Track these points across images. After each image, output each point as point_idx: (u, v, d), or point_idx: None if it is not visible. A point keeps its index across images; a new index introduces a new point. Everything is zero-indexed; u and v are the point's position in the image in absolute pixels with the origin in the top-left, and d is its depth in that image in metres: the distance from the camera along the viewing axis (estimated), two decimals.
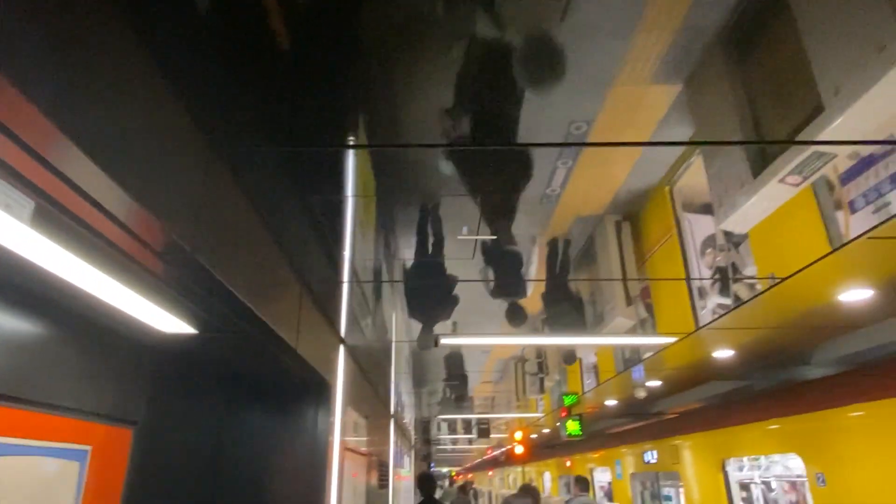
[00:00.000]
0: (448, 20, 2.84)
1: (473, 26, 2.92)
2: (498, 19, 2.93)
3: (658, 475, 7.46)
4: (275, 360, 2.29)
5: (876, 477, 3.39)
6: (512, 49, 3.00)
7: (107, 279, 1.25)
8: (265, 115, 1.82)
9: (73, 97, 0.88)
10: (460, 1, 2.60)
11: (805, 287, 2.49)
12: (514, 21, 2.90)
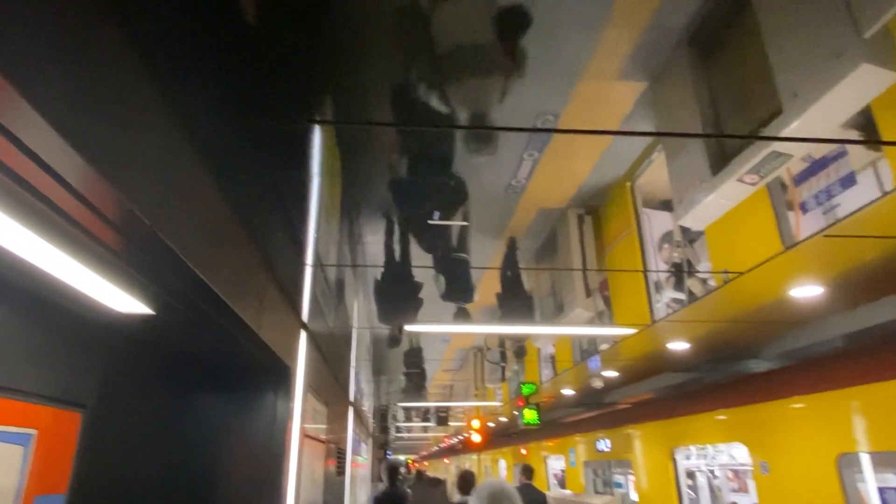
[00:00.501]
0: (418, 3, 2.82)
1: (443, 10, 2.90)
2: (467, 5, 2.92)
3: (610, 463, 7.68)
4: (236, 344, 2.23)
5: (814, 464, 3.59)
6: (482, 36, 2.99)
7: (57, 252, 1.18)
8: (231, 87, 1.75)
9: (26, 50, 0.82)
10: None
11: (757, 283, 2.59)
12: (484, 9, 2.90)
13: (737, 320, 3.22)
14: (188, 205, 1.42)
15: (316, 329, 3.28)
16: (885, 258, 2.22)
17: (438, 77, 3.18)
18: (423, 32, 2.91)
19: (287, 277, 2.51)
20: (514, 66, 3.02)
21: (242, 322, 1.87)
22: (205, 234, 1.53)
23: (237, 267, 1.82)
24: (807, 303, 2.81)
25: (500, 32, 2.88)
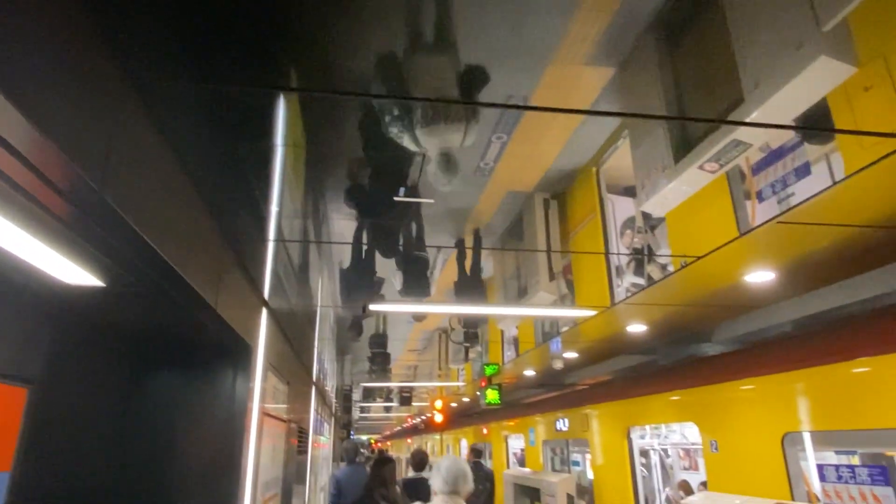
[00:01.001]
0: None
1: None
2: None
3: (568, 442, 7.88)
4: (192, 320, 2.18)
5: (760, 442, 3.76)
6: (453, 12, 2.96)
7: (0, 220, 1.11)
8: (187, 47, 1.67)
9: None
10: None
11: (713, 268, 2.67)
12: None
13: (692, 304, 3.33)
14: (140, 172, 1.36)
15: (278, 307, 3.23)
16: (833, 246, 2.32)
17: (412, 47, 3.14)
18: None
19: (247, 253, 2.45)
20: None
21: (199, 297, 1.83)
22: (158, 204, 1.47)
23: (193, 240, 1.77)
24: (759, 288, 2.91)
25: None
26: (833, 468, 3.59)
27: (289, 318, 3.88)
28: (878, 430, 3.17)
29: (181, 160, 1.59)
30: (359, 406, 19.37)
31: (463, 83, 3.18)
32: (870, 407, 3.03)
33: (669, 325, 4.30)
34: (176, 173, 1.59)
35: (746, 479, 3.88)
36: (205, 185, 1.80)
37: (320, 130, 3.95)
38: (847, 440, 3.78)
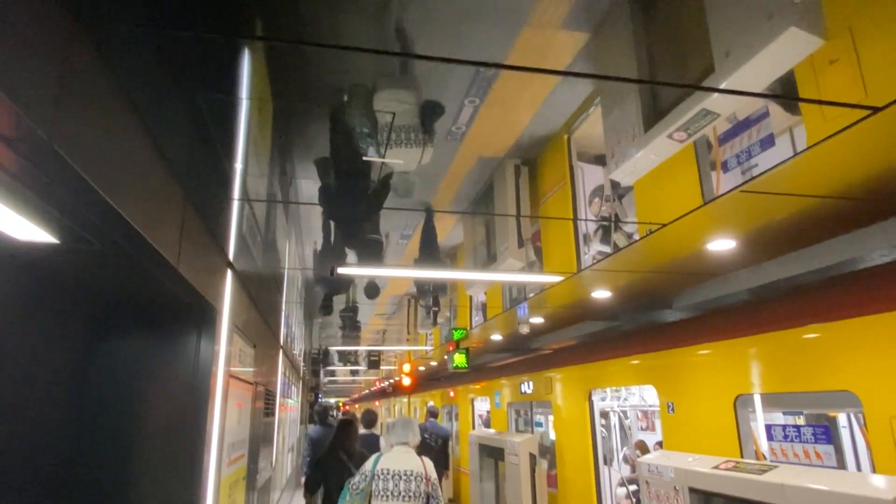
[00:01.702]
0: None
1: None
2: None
3: (532, 404, 8.11)
4: (153, 280, 2.12)
5: (714, 404, 3.94)
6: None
7: None
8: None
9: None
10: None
11: (677, 236, 2.73)
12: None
13: (655, 271, 3.41)
14: (93, 122, 1.29)
15: (243, 269, 3.17)
16: (792, 217, 2.39)
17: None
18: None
19: (210, 212, 2.38)
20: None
21: (159, 256, 1.77)
22: (112, 157, 1.40)
23: (152, 196, 1.70)
24: (719, 256, 3.00)
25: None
26: (780, 428, 3.80)
27: (255, 281, 3.82)
28: (822, 393, 3.35)
29: (137, 111, 1.51)
30: (327, 370, 19.45)
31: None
32: (817, 371, 3.20)
33: (632, 292, 4.41)
34: (132, 125, 1.52)
35: (700, 438, 4.08)
36: (163, 138, 1.73)
37: (288, 85, 3.82)
38: (794, 402, 3.99)
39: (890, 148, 1.76)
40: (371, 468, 3.74)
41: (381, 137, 3.55)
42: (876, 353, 2.84)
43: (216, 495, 2.74)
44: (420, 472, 3.67)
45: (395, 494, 3.56)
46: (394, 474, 3.65)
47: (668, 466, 3.47)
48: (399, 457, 3.74)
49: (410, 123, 3.60)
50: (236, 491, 3.53)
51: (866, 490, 2.38)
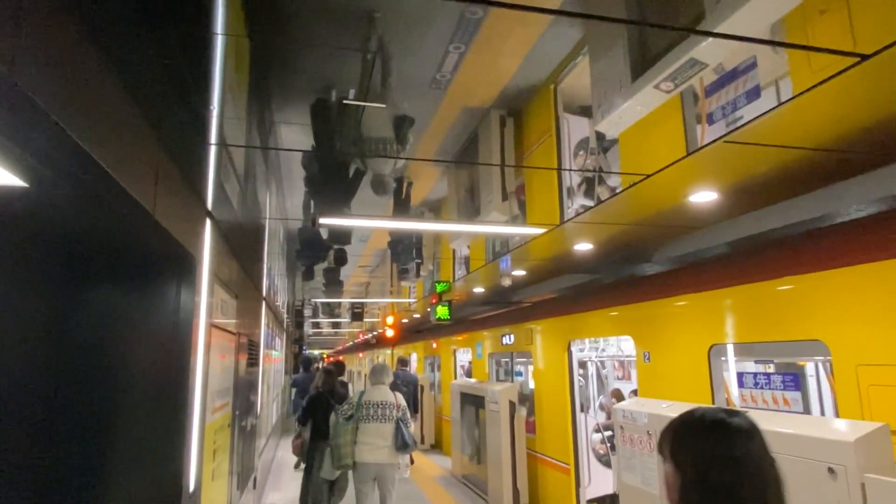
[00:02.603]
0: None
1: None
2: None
3: (513, 355, 8.29)
4: (129, 228, 2.07)
5: (689, 353, 4.06)
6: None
7: None
8: None
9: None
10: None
11: (659, 188, 2.74)
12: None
13: (637, 224, 3.43)
14: (56, 60, 1.22)
15: (223, 218, 3.12)
16: (773, 169, 2.40)
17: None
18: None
19: (186, 157, 2.31)
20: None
21: (136, 202, 1.72)
22: (79, 96, 1.34)
23: (123, 138, 1.64)
24: (701, 209, 3.02)
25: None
26: (751, 375, 3.95)
27: (235, 231, 3.77)
28: (792, 342, 3.47)
29: (103, 48, 1.44)
30: (310, 321, 19.59)
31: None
32: (789, 321, 3.30)
33: (614, 246, 4.45)
34: (99, 63, 1.44)
35: (674, 386, 4.23)
36: (132, 77, 1.65)
37: (265, 21, 3.66)
38: (766, 351, 4.14)
39: (875, 98, 1.76)
40: (357, 400, 5.09)
41: (360, 147, 4.05)
42: (845, 305, 2.93)
43: (201, 440, 2.78)
44: (392, 402, 5.10)
45: (374, 418, 4.97)
46: (373, 404, 5.03)
47: (641, 412, 3.60)
48: (377, 391, 5.14)
49: (386, 136, 4.10)
50: (222, 437, 3.59)
51: (829, 433, 2.50)
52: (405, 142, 4.22)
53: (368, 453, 4.91)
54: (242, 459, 4.78)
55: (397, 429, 4.94)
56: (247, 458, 5.19)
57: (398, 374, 9.81)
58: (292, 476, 8.90)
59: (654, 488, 3.46)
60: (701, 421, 1.20)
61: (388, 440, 4.93)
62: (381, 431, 4.93)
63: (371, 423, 4.94)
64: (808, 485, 2.44)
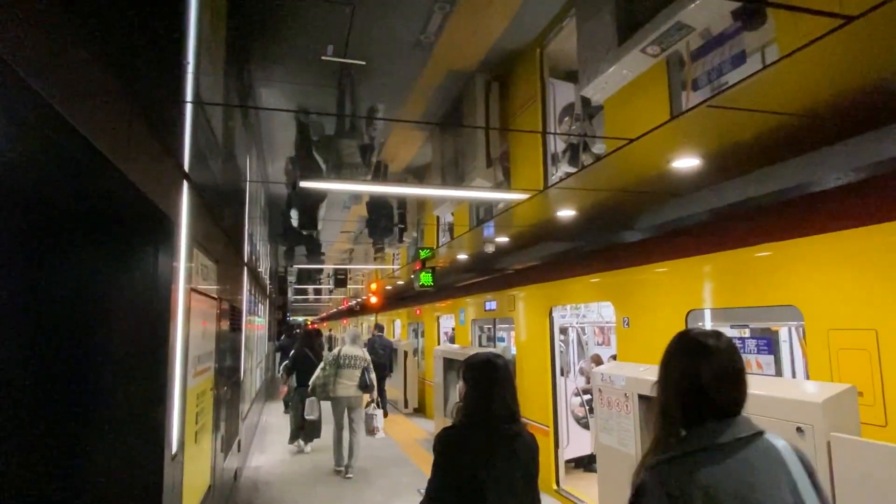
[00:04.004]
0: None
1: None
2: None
3: (495, 321, 8.38)
4: (102, 189, 2.02)
5: (667, 318, 4.14)
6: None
7: None
8: None
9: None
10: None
11: (643, 153, 2.73)
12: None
13: (620, 190, 3.44)
14: (21, 11, 1.16)
15: (201, 180, 3.06)
16: (755, 135, 2.41)
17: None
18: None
19: (160, 115, 2.24)
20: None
21: (109, 163, 1.67)
22: (47, 51, 1.28)
23: (92, 95, 1.58)
24: (684, 175, 3.03)
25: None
26: None
27: (215, 194, 3.70)
28: (767, 308, 3.55)
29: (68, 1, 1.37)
30: (294, 288, 19.54)
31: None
32: (765, 287, 3.37)
33: (597, 213, 4.47)
34: (61, 9, 1.37)
35: (652, 351, 4.32)
36: (99, 29, 1.57)
37: None
38: (742, 316, 4.23)
39: (858, 62, 1.76)
40: (337, 354, 7.12)
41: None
42: (819, 271, 2.99)
43: (183, 404, 2.78)
44: (361, 356, 7.18)
45: (348, 366, 7.01)
46: (347, 356, 7.08)
47: (619, 375, 3.68)
48: (351, 349, 7.18)
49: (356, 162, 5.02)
50: (204, 401, 3.60)
51: (799, 394, 2.58)
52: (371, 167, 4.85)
53: (343, 390, 6.99)
54: (226, 423, 4.82)
55: (362, 374, 7.02)
56: (231, 421, 5.23)
57: (374, 339, 10.75)
58: (277, 440, 9.02)
59: (629, 448, 3.57)
60: (477, 357, 2.26)
61: (356, 381, 7.00)
62: (352, 375, 7.02)
63: (345, 370, 7.00)
64: None
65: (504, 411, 2.12)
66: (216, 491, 4.19)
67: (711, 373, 1.42)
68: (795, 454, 1.38)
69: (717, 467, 1.32)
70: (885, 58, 1.78)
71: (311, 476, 6.92)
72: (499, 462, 2.04)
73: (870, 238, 2.73)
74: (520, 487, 2.08)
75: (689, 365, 1.48)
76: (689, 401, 1.43)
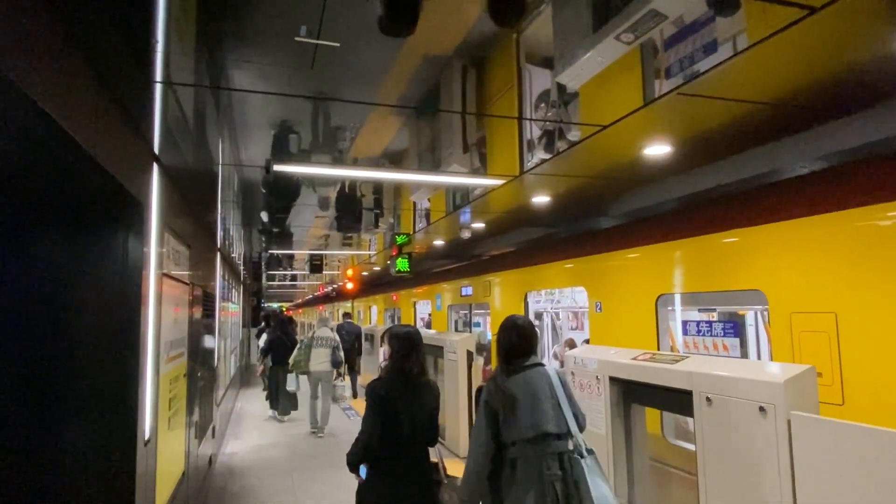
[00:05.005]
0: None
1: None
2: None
3: (471, 306, 8.45)
4: (70, 171, 1.96)
5: (638, 303, 4.23)
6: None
7: None
8: None
9: None
10: None
11: (616, 139, 2.77)
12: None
13: (593, 177, 3.48)
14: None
15: (172, 163, 2.99)
16: (723, 123, 2.46)
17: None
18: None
19: (129, 95, 2.18)
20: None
21: (73, 142, 1.63)
22: (7, 25, 1.24)
23: (55, 71, 1.53)
24: (655, 162, 3.09)
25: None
26: (694, 323, 4.16)
27: (186, 177, 3.63)
28: (734, 292, 3.66)
29: None
30: (268, 274, 19.33)
31: None
32: (732, 272, 3.46)
33: (571, 199, 4.52)
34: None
35: (623, 334, 4.42)
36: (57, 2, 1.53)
37: None
38: (710, 300, 4.35)
39: (822, 52, 1.81)
40: (311, 336, 8.39)
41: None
42: (783, 256, 3.09)
43: (156, 390, 2.76)
44: (331, 337, 8.36)
45: (320, 345, 8.23)
46: (320, 338, 8.30)
47: (592, 358, 3.76)
48: (322, 331, 8.40)
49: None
50: (177, 386, 3.56)
51: (762, 375, 2.68)
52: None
53: (316, 365, 8.27)
54: (200, 409, 4.78)
55: (332, 352, 8.27)
56: (205, 407, 5.19)
57: (343, 325, 11.55)
58: (253, 426, 8.98)
59: (600, 428, 3.66)
60: (399, 329, 3.13)
61: (327, 359, 8.26)
62: (323, 354, 8.27)
63: (318, 349, 8.28)
64: (741, 422, 2.64)
65: (417, 368, 3.00)
66: (190, 477, 4.17)
67: (518, 337, 2.81)
68: (556, 375, 2.77)
69: (517, 377, 2.72)
70: (847, 48, 1.84)
71: (287, 462, 6.93)
72: (411, 402, 2.91)
73: (831, 225, 2.83)
74: (426, 420, 2.96)
75: (510, 333, 2.83)
76: (509, 350, 2.81)
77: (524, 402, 2.63)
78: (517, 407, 2.63)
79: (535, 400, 2.64)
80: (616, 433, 3.63)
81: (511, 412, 2.62)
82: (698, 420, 2.87)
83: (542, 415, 2.62)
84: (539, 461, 2.58)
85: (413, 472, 2.90)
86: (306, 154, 5.55)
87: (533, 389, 2.66)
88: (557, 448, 2.62)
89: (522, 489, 2.57)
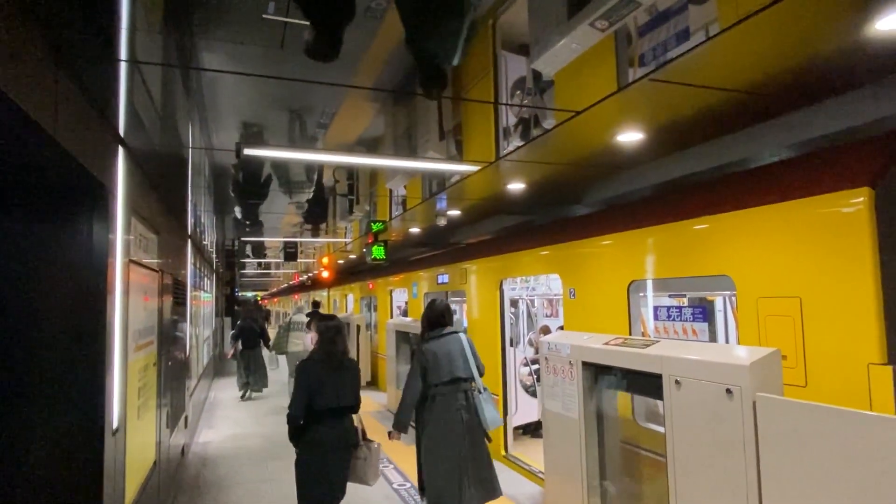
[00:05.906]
0: None
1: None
2: None
3: (448, 293, 8.46)
4: (30, 154, 1.89)
5: (610, 289, 4.29)
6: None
7: None
8: None
9: None
10: None
11: (590, 126, 2.78)
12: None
13: (568, 163, 3.50)
14: None
15: (138, 146, 2.91)
16: (695, 110, 2.49)
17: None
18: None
19: (90, 74, 2.11)
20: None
21: (32, 122, 1.57)
22: None
23: (8, 46, 1.46)
24: (628, 149, 3.12)
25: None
26: (665, 308, 4.24)
27: (154, 161, 3.54)
28: (703, 278, 3.73)
29: None
30: (242, 262, 19.05)
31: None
32: (702, 258, 3.53)
33: (546, 187, 4.54)
34: None
35: (596, 320, 4.48)
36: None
37: None
38: (680, 286, 4.44)
39: (792, 39, 1.83)
40: (289, 321, 9.63)
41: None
42: (751, 242, 3.16)
43: (124, 379, 2.70)
44: (306, 321, 8.72)
45: (296, 329, 9.30)
46: (295, 322, 9.49)
47: (565, 344, 3.81)
48: (298, 317, 9.56)
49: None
50: (147, 375, 3.50)
51: (729, 358, 2.75)
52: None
53: (293, 346, 9.41)
54: (172, 398, 4.71)
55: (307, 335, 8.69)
56: (176, 397, 5.11)
57: (313, 314, 12.76)
58: (225, 416, 8.90)
59: (573, 413, 3.72)
60: (326, 317, 3.98)
61: (304, 340, 8.84)
62: (300, 336, 9.20)
63: (295, 332, 9.43)
64: (708, 404, 2.70)
65: (341, 349, 3.72)
66: (161, 467, 4.11)
67: (440, 312, 4.07)
68: (466, 340, 4.03)
69: (437, 342, 3.94)
70: (817, 36, 1.87)
71: (263, 451, 6.89)
72: (336, 376, 3.63)
73: (797, 211, 2.90)
74: (349, 391, 3.70)
75: (436, 310, 4.07)
76: (432, 321, 4.05)
77: (443, 358, 3.85)
78: (438, 360, 3.84)
79: (451, 356, 3.89)
80: (588, 417, 3.69)
81: (435, 364, 3.83)
82: (668, 402, 2.93)
83: (455, 366, 3.87)
84: (451, 396, 3.83)
85: (338, 431, 3.64)
86: (279, 137, 5.45)
87: (449, 348, 3.91)
88: (464, 388, 3.89)
89: (439, 414, 3.80)
